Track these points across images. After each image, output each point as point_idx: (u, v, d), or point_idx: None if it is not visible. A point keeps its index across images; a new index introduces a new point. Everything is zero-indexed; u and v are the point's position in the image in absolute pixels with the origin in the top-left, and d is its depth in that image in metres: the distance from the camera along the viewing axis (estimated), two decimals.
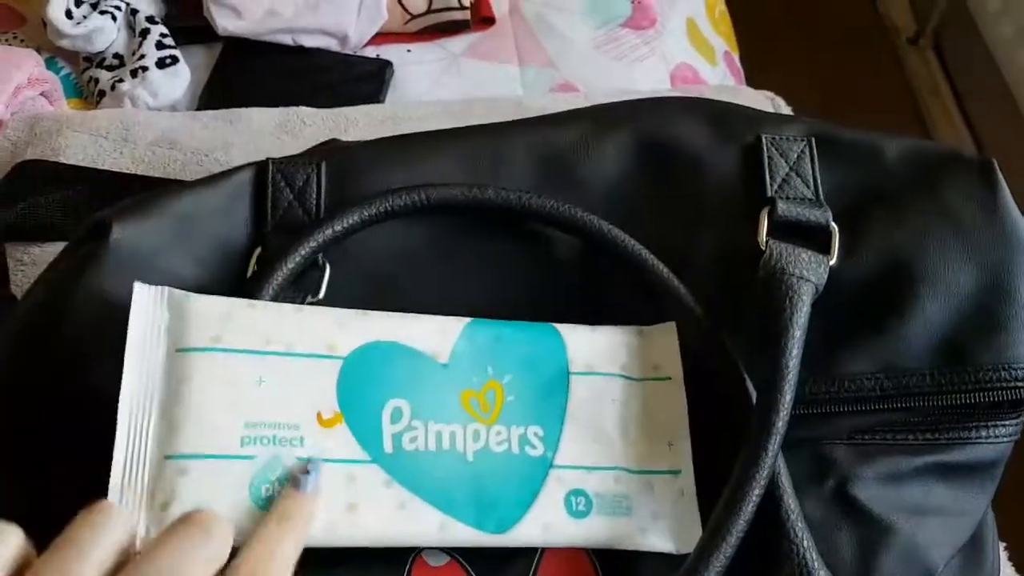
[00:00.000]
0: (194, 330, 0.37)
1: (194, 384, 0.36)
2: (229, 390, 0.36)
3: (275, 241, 0.43)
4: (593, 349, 0.42)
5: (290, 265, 0.41)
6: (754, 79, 0.98)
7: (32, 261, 0.58)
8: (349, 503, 0.36)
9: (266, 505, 0.35)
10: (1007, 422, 0.41)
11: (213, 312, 0.37)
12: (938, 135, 1.49)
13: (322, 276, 0.43)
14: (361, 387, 0.38)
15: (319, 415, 0.37)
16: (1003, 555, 0.57)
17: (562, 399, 0.41)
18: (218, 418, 0.35)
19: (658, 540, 0.39)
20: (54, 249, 0.58)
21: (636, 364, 0.42)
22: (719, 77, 0.91)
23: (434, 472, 0.38)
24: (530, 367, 0.41)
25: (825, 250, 0.43)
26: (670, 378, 0.42)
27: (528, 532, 0.38)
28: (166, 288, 0.37)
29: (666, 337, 0.42)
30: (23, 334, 0.42)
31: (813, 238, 0.43)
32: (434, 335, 0.40)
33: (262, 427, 0.36)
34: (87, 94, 0.83)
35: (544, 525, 0.38)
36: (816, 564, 0.37)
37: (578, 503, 0.39)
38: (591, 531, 0.39)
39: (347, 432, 0.37)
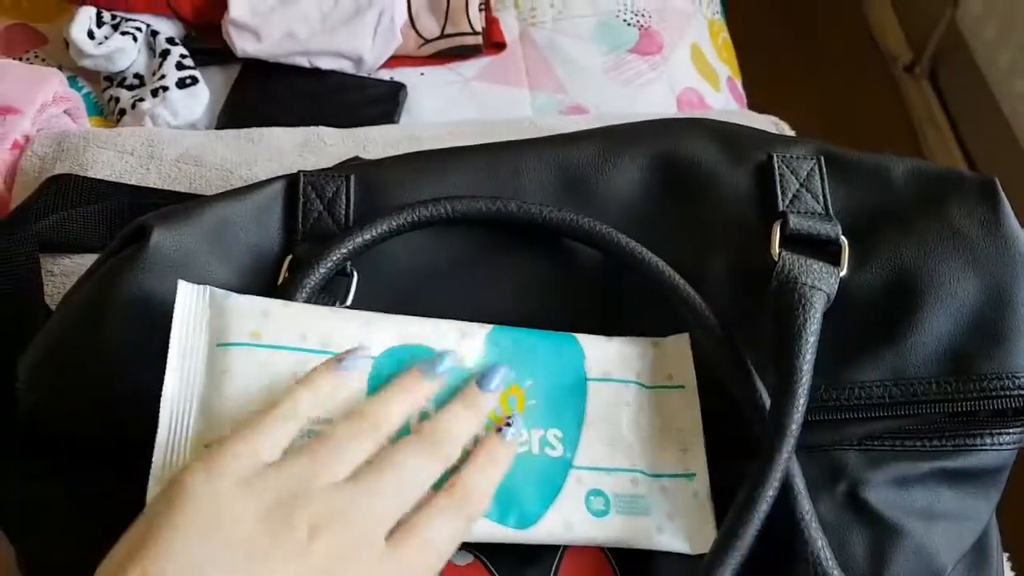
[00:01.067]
0: (235, 326, 0.38)
1: (234, 377, 0.37)
2: (267, 383, 0.38)
3: (305, 249, 0.45)
4: (609, 357, 0.43)
5: (321, 271, 0.43)
6: (755, 105, 1.00)
7: (61, 272, 0.59)
8: None
9: None
10: (1011, 430, 0.43)
11: (252, 310, 0.39)
12: (934, 162, 1.51)
13: (350, 284, 0.45)
14: None
15: (350, 412, 0.38)
16: (1006, 565, 0.58)
17: (580, 404, 0.42)
18: (256, 409, 0.37)
19: (674, 540, 0.41)
20: (83, 260, 0.60)
21: (649, 373, 0.43)
22: (723, 101, 0.93)
23: None
24: (550, 373, 0.42)
25: (835, 262, 0.44)
26: (683, 387, 0.43)
27: (550, 529, 0.40)
28: (207, 287, 0.39)
29: (679, 348, 0.44)
30: (64, 337, 0.43)
31: (823, 251, 0.45)
32: (459, 340, 0.42)
33: None
34: (107, 113, 0.85)
35: (565, 523, 0.40)
36: (830, 563, 0.38)
37: (597, 502, 0.40)
38: (610, 530, 0.40)
39: None
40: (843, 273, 0.44)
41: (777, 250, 0.45)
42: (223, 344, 0.38)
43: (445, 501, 0.35)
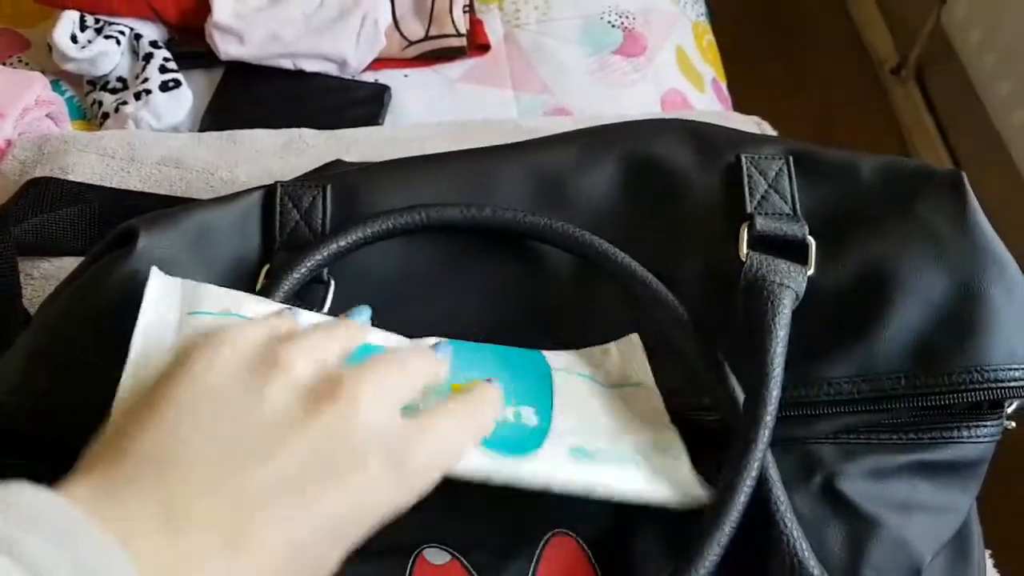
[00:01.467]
0: (207, 302, 0.39)
1: None
2: None
3: (283, 258, 0.45)
4: (569, 360, 0.44)
5: (296, 276, 0.43)
6: (740, 107, 1.00)
7: (41, 275, 0.59)
8: None
9: None
10: (987, 422, 0.43)
11: (225, 293, 0.39)
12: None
13: (327, 291, 0.45)
14: None
15: None
16: (988, 562, 0.58)
17: (548, 387, 0.42)
18: None
19: (661, 489, 0.40)
20: (62, 263, 0.60)
21: (605, 375, 0.44)
22: (707, 103, 0.94)
23: None
24: (514, 369, 0.42)
25: (803, 261, 0.45)
26: (640, 384, 0.44)
27: (538, 466, 0.38)
28: (181, 279, 0.40)
29: (631, 349, 0.44)
30: (48, 339, 0.43)
31: (792, 251, 0.45)
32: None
33: None
34: (91, 116, 0.85)
35: (552, 464, 0.39)
36: (806, 554, 0.38)
37: (579, 454, 0.39)
38: (597, 475, 0.39)
39: None
40: (811, 272, 0.44)
41: (745, 251, 0.45)
42: (195, 312, 0.38)
43: (455, 404, 0.36)
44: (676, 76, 0.92)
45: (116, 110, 0.82)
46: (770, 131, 0.72)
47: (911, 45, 1.54)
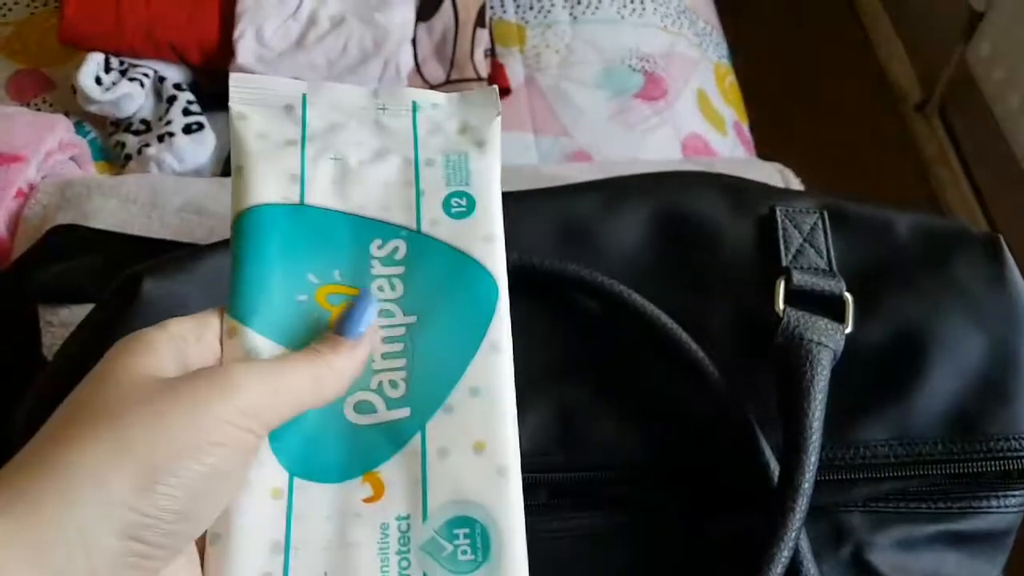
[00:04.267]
0: None
1: None
2: None
3: None
4: None
5: None
6: (763, 147, 1.00)
7: (60, 323, 0.59)
8: None
9: None
10: (1016, 492, 0.42)
11: None
12: (945, 200, 1.51)
13: None
14: None
15: None
16: None
17: None
18: None
19: None
20: (82, 311, 0.59)
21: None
22: (729, 146, 0.93)
23: None
24: None
25: (840, 319, 0.43)
26: None
27: None
28: None
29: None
30: (59, 386, 0.43)
31: (827, 307, 0.44)
32: None
33: None
34: (113, 157, 0.85)
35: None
36: None
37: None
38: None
39: None
40: (848, 330, 0.43)
41: (781, 306, 0.44)
42: None
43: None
44: (697, 120, 0.92)
45: (139, 152, 0.82)
46: (792, 178, 0.72)
47: (935, 82, 1.54)
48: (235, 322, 0.33)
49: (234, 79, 0.37)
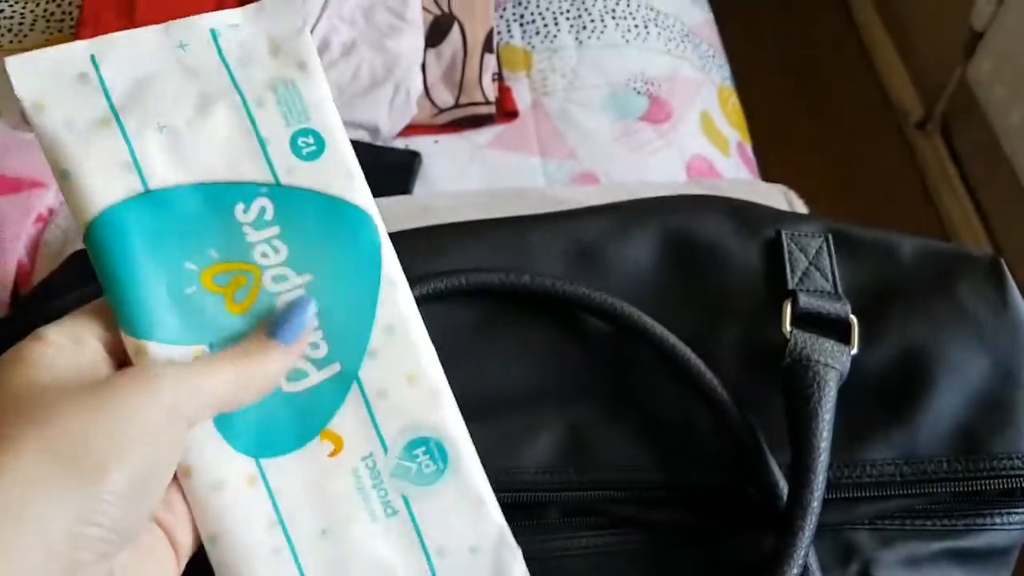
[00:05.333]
0: None
1: None
2: None
3: None
4: None
5: None
6: (766, 167, 1.01)
7: None
8: None
9: None
10: (1019, 509, 0.43)
11: None
12: (947, 218, 1.51)
13: None
14: None
15: None
16: None
17: None
18: None
19: None
20: None
21: None
22: (732, 167, 0.94)
23: None
24: None
25: (845, 341, 0.44)
26: None
27: None
28: None
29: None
30: None
31: (833, 329, 0.45)
32: None
33: None
34: None
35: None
36: None
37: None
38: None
39: None
40: (854, 351, 0.44)
41: (789, 328, 0.45)
42: None
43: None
44: (701, 142, 0.93)
45: None
46: (796, 199, 0.73)
47: (936, 100, 1.55)
48: (137, 341, 0.32)
49: (10, 62, 0.33)
